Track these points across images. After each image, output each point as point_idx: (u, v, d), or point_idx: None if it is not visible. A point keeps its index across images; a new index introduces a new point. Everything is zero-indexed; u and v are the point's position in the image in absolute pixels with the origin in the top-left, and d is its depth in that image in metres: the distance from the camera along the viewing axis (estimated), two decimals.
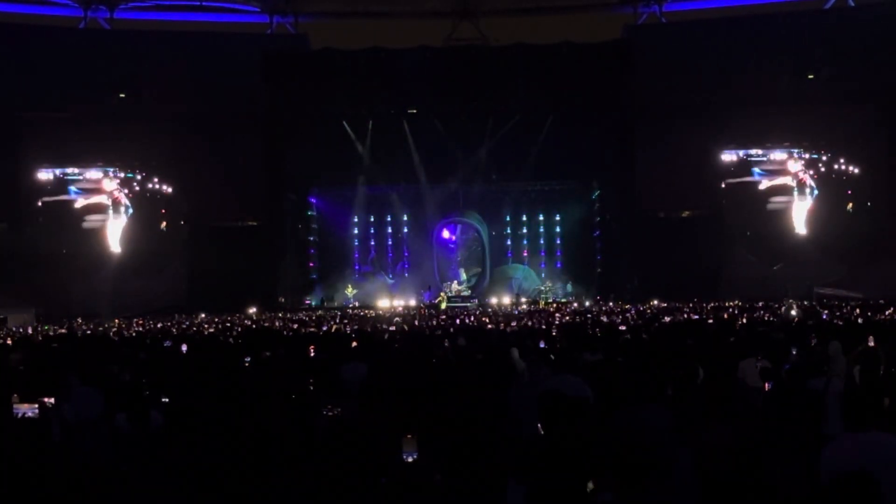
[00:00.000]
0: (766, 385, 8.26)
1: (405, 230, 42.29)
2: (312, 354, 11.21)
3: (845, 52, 36.10)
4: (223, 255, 36.71)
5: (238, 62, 37.55)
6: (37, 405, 6.56)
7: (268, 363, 10.55)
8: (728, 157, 39.00)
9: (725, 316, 22.30)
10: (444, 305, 35.94)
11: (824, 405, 6.93)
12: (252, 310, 34.03)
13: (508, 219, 42.43)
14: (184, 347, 12.91)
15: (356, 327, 21.72)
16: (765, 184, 38.89)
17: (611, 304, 33.62)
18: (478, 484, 5.15)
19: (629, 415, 5.62)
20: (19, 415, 6.54)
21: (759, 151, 38.92)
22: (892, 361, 8.61)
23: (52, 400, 7.08)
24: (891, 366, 8.43)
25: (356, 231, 42.05)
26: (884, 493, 3.87)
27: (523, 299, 37.43)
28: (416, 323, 24.09)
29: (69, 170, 39.01)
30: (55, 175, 38.99)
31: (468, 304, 36.82)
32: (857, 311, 23.07)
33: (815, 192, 38.50)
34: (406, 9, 42.37)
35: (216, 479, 4.93)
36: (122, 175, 39.44)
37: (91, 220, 39.32)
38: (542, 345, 10.91)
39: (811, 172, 38.58)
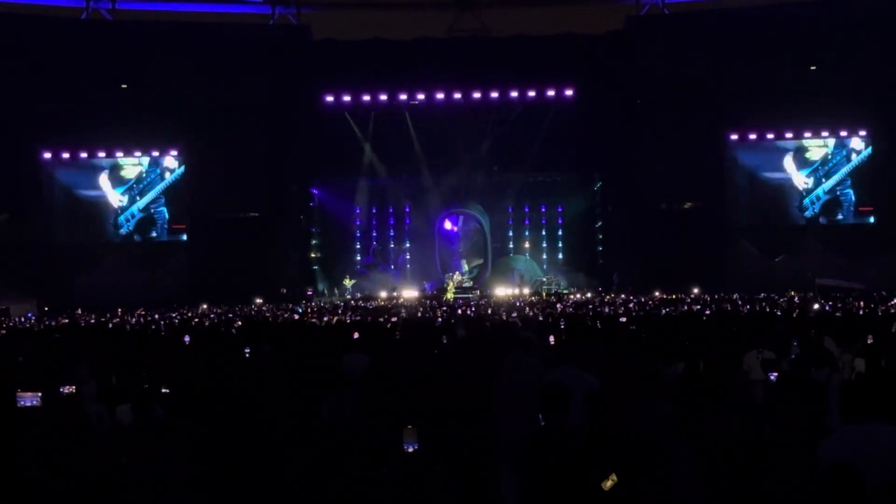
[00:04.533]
0: (770, 376, 8.24)
1: (407, 221, 42.26)
2: (314, 345, 11.22)
3: (848, 43, 35.95)
4: (225, 246, 36.70)
5: (240, 53, 37.49)
6: (39, 394, 6.56)
7: (270, 354, 10.56)
8: (730, 148, 38.86)
9: (728, 307, 22.27)
10: (450, 295, 35.92)
11: (827, 398, 6.93)
12: (258, 300, 34.08)
13: (510, 210, 42.40)
14: (186, 338, 12.92)
15: (358, 318, 21.72)
16: (766, 175, 38.77)
17: (612, 295, 33.61)
18: (477, 474, 5.16)
19: (630, 407, 5.63)
20: (22, 403, 6.55)
21: (762, 142, 38.77)
22: (893, 354, 8.59)
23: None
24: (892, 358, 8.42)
25: (358, 222, 42.02)
26: (883, 484, 3.86)
27: (526, 290, 37.42)
28: (419, 314, 24.10)
29: (70, 161, 38.97)
30: (57, 166, 38.93)
31: (470, 295, 36.84)
32: (861, 302, 23.04)
33: (818, 182, 38.38)
34: None
35: (217, 470, 4.94)
36: (124, 166, 39.37)
37: (93, 210, 39.27)
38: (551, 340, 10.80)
39: (813, 163, 38.44)
